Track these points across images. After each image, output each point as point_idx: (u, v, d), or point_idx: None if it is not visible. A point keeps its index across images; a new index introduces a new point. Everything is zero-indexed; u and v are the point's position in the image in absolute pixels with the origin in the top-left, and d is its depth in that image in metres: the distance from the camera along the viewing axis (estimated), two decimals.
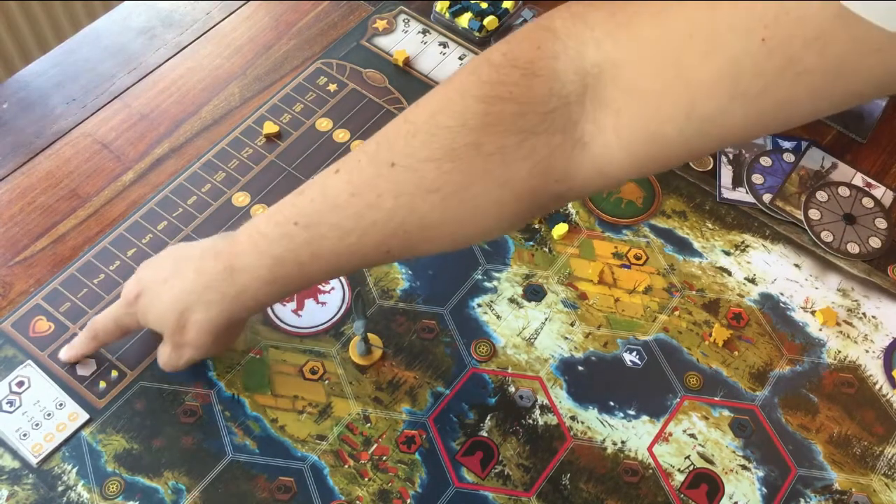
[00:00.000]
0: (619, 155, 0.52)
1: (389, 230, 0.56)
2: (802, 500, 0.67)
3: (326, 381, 0.71)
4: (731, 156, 0.85)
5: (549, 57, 0.51)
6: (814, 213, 0.81)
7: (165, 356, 0.67)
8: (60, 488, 0.66)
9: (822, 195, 0.83)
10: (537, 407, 0.71)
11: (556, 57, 0.51)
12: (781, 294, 0.77)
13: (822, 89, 0.46)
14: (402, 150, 0.54)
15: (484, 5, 0.93)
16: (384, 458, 0.68)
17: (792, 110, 0.48)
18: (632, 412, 0.71)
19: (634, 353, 0.73)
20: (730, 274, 0.78)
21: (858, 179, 0.84)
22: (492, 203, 0.54)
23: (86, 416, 0.69)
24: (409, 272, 0.77)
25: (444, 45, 0.92)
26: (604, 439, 0.69)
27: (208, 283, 0.62)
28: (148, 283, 0.65)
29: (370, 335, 0.72)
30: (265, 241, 0.60)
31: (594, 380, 0.72)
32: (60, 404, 0.69)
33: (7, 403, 0.69)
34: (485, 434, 0.69)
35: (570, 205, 0.81)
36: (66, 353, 0.70)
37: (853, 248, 0.80)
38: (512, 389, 0.71)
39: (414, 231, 0.56)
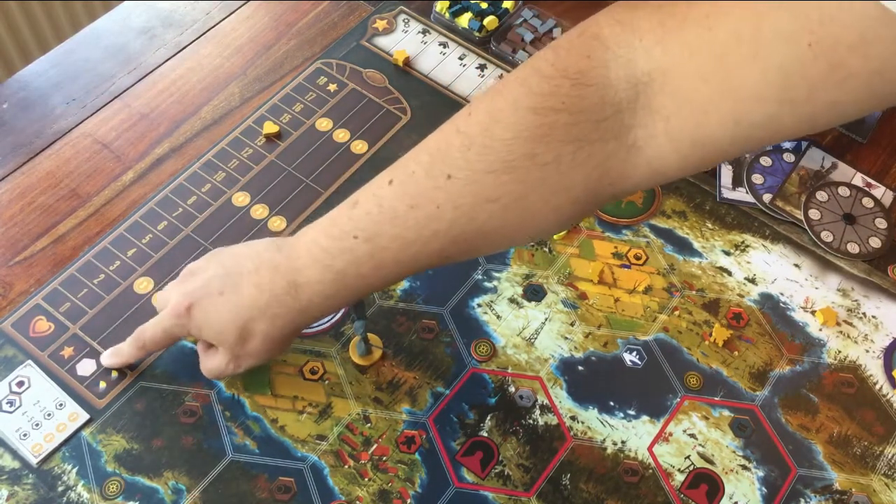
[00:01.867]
0: (671, 157, 0.53)
1: (450, 238, 0.57)
2: (802, 500, 0.67)
3: (326, 381, 0.71)
4: None
5: (600, 66, 0.52)
6: (814, 213, 0.81)
7: (220, 366, 0.66)
8: (60, 488, 0.66)
9: (822, 195, 0.83)
10: (537, 407, 0.71)
11: (607, 66, 0.52)
12: (781, 294, 0.77)
13: (867, 90, 0.47)
14: (458, 163, 0.55)
15: (484, 5, 0.93)
16: (384, 458, 0.68)
17: (839, 111, 0.49)
18: (632, 412, 0.71)
19: (634, 353, 0.73)
20: (730, 274, 0.78)
21: (858, 179, 0.84)
22: (549, 209, 0.55)
23: (86, 416, 0.69)
24: None
25: (444, 45, 0.92)
26: (604, 439, 0.69)
27: (271, 299, 0.61)
28: (200, 296, 0.64)
29: (370, 335, 0.72)
30: (326, 255, 0.60)
31: (594, 380, 0.72)
32: (60, 404, 0.69)
33: (7, 403, 0.69)
34: (485, 434, 0.69)
35: None
36: (110, 360, 0.70)
37: (853, 248, 0.80)
38: (512, 389, 0.71)
39: (473, 238, 0.57)
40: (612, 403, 0.71)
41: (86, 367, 0.71)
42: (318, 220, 0.62)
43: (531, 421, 0.70)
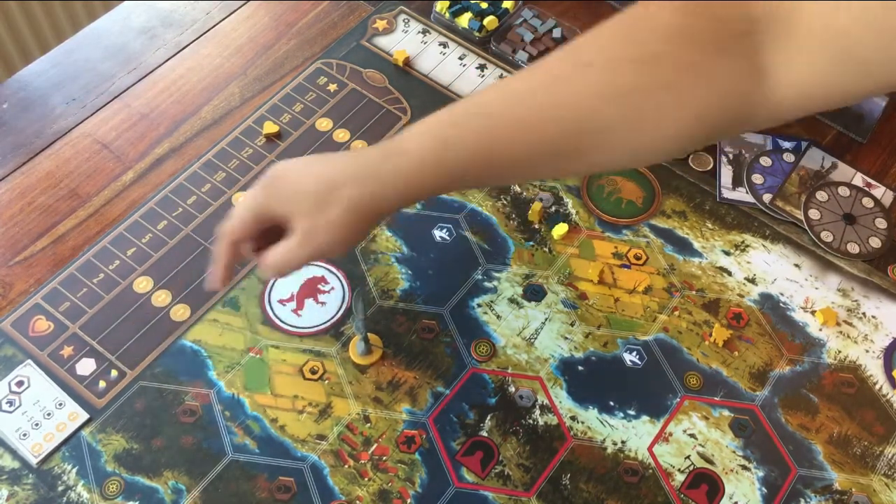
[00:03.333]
0: (797, 88, 0.54)
1: (569, 131, 0.57)
2: (802, 500, 0.67)
3: (326, 381, 0.71)
4: (731, 156, 0.85)
5: None
6: (814, 213, 0.81)
7: (290, 248, 0.61)
8: (60, 488, 0.66)
9: (822, 195, 0.83)
10: (537, 407, 0.71)
11: None
12: (781, 294, 0.77)
13: None
14: (599, 50, 0.56)
15: (484, 5, 0.93)
16: (384, 458, 0.68)
17: None
18: (632, 412, 0.71)
19: (634, 353, 0.73)
20: (730, 274, 0.78)
21: (858, 179, 0.84)
22: (672, 117, 0.56)
23: (86, 416, 0.69)
24: (409, 272, 0.77)
25: (444, 45, 0.92)
26: (604, 439, 0.69)
27: (364, 165, 0.60)
28: (289, 166, 0.62)
29: (370, 335, 0.72)
30: (438, 125, 0.59)
31: (594, 380, 0.72)
32: (60, 404, 0.69)
33: (7, 403, 0.69)
34: (485, 434, 0.69)
35: (569, 205, 0.81)
36: (210, 277, 0.65)
37: (853, 248, 0.80)
38: (512, 389, 0.71)
39: (591, 134, 0.57)
40: (612, 403, 0.71)
41: (85, 367, 0.71)
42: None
43: (531, 421, 0.70)
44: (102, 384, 0.70)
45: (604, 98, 0.56)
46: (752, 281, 0.78)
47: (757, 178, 0.83)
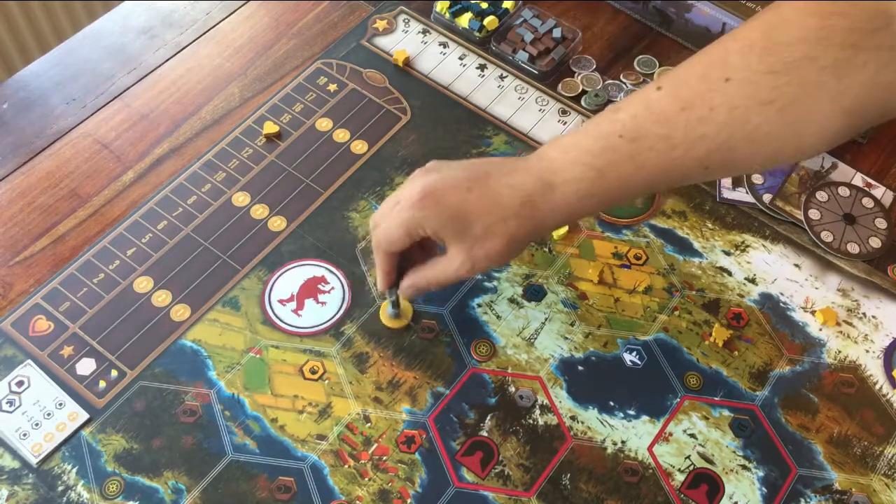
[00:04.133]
0: None
1: (716, 144, 0.57)
2: (802, 500, 0.67)
3: (326, 381, 0.71)
4: None
5: None
6: (814, 213, 0.81)
7: (453, 267, 0.64)
8: (60, 488, 0.66)
9: (822, 195, 0.83)
10: (537, 407, 0.71)
11: None
12: (781, 294, 0.77)
13: None
14: (738, 65, 0.56)
15: (484, 5, 0.93)
16: (384, 457, 0.68)
17: None
18: (632, 412, 0.71)
19: (634, 353, 0.73)
20: (730, 274, 0.78)
21: (858, 179, 0.84)
22: (821, 116, 0.56)
23: (86, 416, 0.69)
24: None
25: (444, 45, 0.92)
26: (604, 439, 0.69)
27: (525, 200, 0.62)
28: (443, 187, 0.63)
29: (404, 302, 0.73)
30: (587, 154, 0.60)
31: (594, 380, 0.72)
32: (60, 404, 0.69)
33: (7, 403, 0.69)
34: (485, 434, 0.69)
35: None
36: (378, 284, 0.70)
37: (853, 248, 0.80)
38: (512, 389, 0.71)
39: (739, 146, 0.57)
40: (612, 403, 0.71)
41: (85, 367, 0.71)
42: (572, 132, 0.62)
43: (531, 421, 0.70)
44: (102, 384, 0.70)
45: (748, 111, 0.56)
46: (752, 281, 0.78)
47: (757, 178, 0.83)
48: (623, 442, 0.69)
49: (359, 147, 0.84)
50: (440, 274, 0.66)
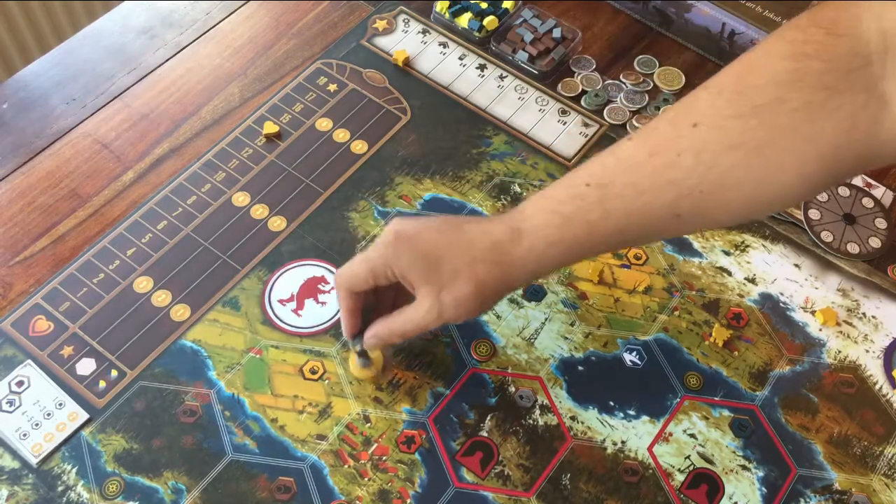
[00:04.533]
0: None
1: (685, 189, 0.56)
2: (802, 500, 0.67)
3: (326, 381, 0.71)
4: None
5: (852, 18, 0.53)
6: (814, 213, 0.81)
7: (421, 314, 0.62)
8: (60, 488, 0.66)
9: (821, 195, 0.83)
10: (537, 407, 0.71)
11: (859, 18, 0.53)
12: (781, 294, 0.77)
13: None
14: (706, 111, 0.56)
15: (484, 5, 0.93)
16: (384, 458, 0.68)
17: None
18: (632, 412, 0.71)
19: (634, 353, 0.73)
20: (730, 274, 0.78)
21: (858, 179, 0.84)
22: (794, 160, 0.55)
23: (86, 416, 0.69)
24: None
25: (444, 45, 0.92)
26: (604, 439, 0.69)
27: (493, 244, 0.61)
28: (414, 229, 0.62)
29: (375, 353, 0.70)
30: (554, 202, 0.60)
31: (594, 380, 0.72)
32: (60, 404, 0.69)
33: (7, 403, 0.69)
34: (485, 434, 0.69)
35: None
36: (343, 327, 0.67)
37: (853, 248, 0.80)
38: (512, 389, 0.71)
39: (710, 191, 0.56)
40: (612, 403, 0.71)
41: (85, 367, 0.71)
42: (550, 185, 0.62)
43: (531, 421, 0.70)
44: (102, 384, 0.70)
45: (715, 155, 0.55)
46: (752, 281, 0.78)
47: None
48: (623, 442, 0.69)
49: (359, 147, 0.84)
50: (406, 321, 0.64)
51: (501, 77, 0.89)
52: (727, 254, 0.79)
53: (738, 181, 0.56)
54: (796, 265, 0.79)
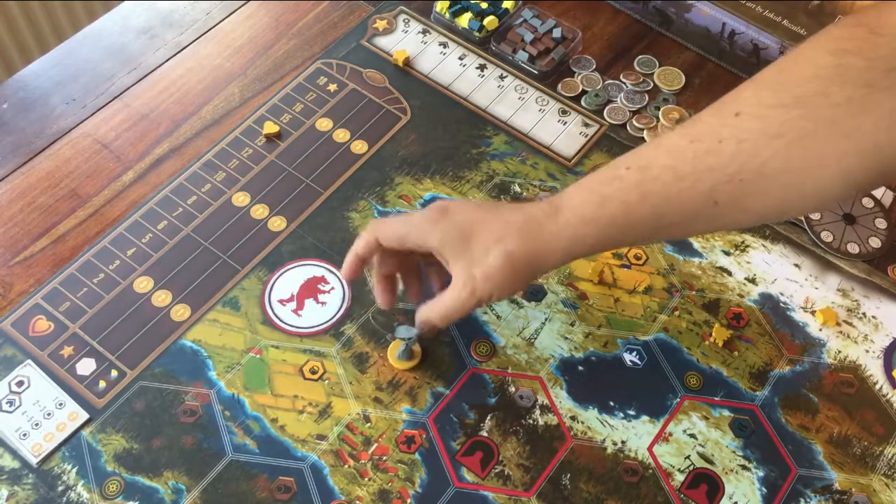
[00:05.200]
0: None
1: (725, 176, 0.57)
2: (802, 500, 0.67)
3: (326, 381, 0.71)
4: None
5: (894, 20, 0.54)
6: (814, 213, 0.81)
7: (455, 294, 0.63)
8: (60, 488, 0.66)
9: None
10: (537, 407, 0.71)
11: None
12: (781, 294, 0.77)
13: None
14: (749, 101, 0.57)
15: (484, 5, 0.93)
16: (384, 457, 0.68)
17: None
18: (632, 412, 0.71)
19: (634, 353, 0.73)
20: (730, 274, 0.78)
21: None
22: (834, 154, 0.55)
23: (86, 416, 0.69)
24: None
25: (444, 45, 0.92)
26: (604, 439, 0.69)
27: (530, 217, 0.62)
28: (454, 207, 0.64)
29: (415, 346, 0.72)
30: (594, 182, 0.61)
31: (594, 380, 0.72)
32: (60, 404, 0.69)
33: (7, 403, 0.69)
34: (485, 434, 0.69)
35: None
36: (344, 268, 0.68)
37: (853, 248, 0.80)
38: (512, 389, 0.71)
39: (750, 179, 0.57)
40: (612, 403, 0.71)
41: (85, 367, 0.71)
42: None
43: (531, 421, 0.70)
44: (102, 384, 0.70)
45: (756, 144, 0.56)
46: (752, 281, 0.78)
47: None
48: (623, 442, 0.69)
49: (359, 147, 0.84)
50: (446, 302, 0.64)
51: (501, 77, 0.89)
52: (727, 254, 0.79)
53: (777, 171, 0.56)
54: (796, 265, 0.79)
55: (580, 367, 0.73)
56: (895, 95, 0.54)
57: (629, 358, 0.73)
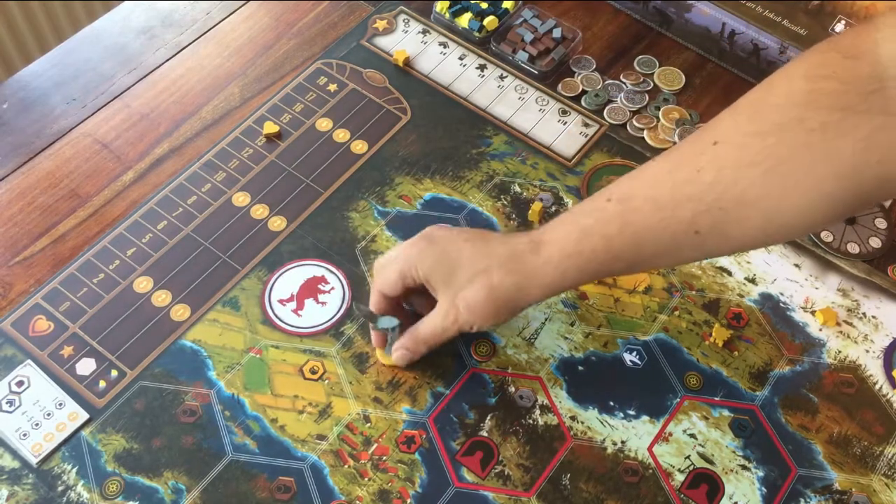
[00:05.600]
0: None
1: (704, 205, 0.57)
2: (802, 500, 0.67)
3: (326, 381, 0.71)
4: None
5: (870, 43, 0.54)
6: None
7: (436, 321, 0.66)
8: (60, 488, 0.66)
9: None
10: (537, 407, 0.71)
11: (877, 43, 0.54)
12: (781, 294, 0.77)
13: None
14: (726, 130, 0.57)
15: (484, 5, 0.93)
16: (384, 457, 0.68)
17: None
18: (632, 412, 0.71)
19: (634, 353, 0.73)
20: (730, 274, 0.78)
21: None
22: (812, 179, 0.55)
23: (86, 416, 0.69)
24: None
25: (444, 45, 0.92)
26: (604, 439, 0.69)
27: (513, 251, 0.63)
28: (441, 235, 0.66)
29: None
30: (576, 216, 0.62)
31: (594, 380, 0.72)
32: (60, 404, 0.69)
33: (7, 403, 0.69)
34: (485, 434, 0.69)
35: (569, 205, 0.81)
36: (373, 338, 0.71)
37: (853, 248, 0.80)
38: (512, 389, 0.71)
39: (729, 207, 0.57)
40: (612, 403, 0.71)
41: (85, 367, 0.71)
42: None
43: (531, 421, 0.70)
44: (102, 384, 0.70)
45: (735, 172, 0.56)
46: (752, 281, 0.78)
47: None
48: (623, 442, 0.69)
49: (359, 147, 0.84)
50: (426, 328, 0.67)
51: (501, 77, 0.89)
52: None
53: (756, 198, 0.56)
54: (796, 265, 0.79)
55: (580, 367, 0.73)
56: (873, 118, 0.53)
57: (629, 358, 0.73)
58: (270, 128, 0.84)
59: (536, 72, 0.89)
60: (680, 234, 0.59)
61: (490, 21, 0.91)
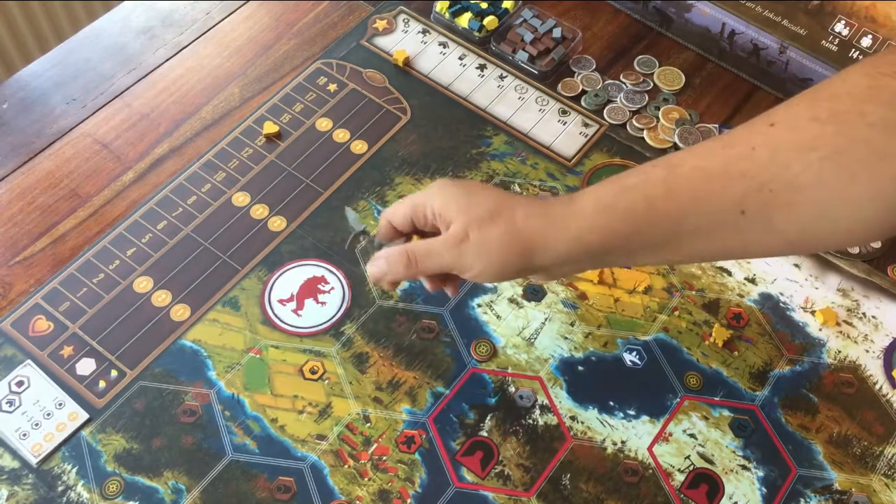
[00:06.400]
0: None
1: (756, 183, 0.55)
2: (802, 500, 0.67)
3: (326, 381, 0.71)
4: None
5: None
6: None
7: (435, 241, 0.59)
8: (60, 488, 0.66)
9: None
10: (537, 407, 0.71)
11: None
12: (781, 294, 0.77)
13: None
14: (784, 114, 0.56)
15: (484, 5, 0.93)
16: (384, 457, 0.68)
17: None
18: (632, 412, 0.71)
19: (634, 353, 0.73)
20: (730, 274, 0.78)
21: None
22: (868, 174, 0.53)
23: (85, 416, 0.69)
24: None
25: (444, 45, 0.92)
26: (604, 439, 0.69)
27: (542, 201, 0.59)
28: (462, 181, 0.64)
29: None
30: (618, 177, 0.58)
31: (594, 380, 0.72)
32: (60, 404, 0.69)
33: (7, 403, 0.69)
34: (485, 434, 0.69)
35: None
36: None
37: (853, 248, 0.80)
38: (512, 389, 0.71)
39: (780, 190, 0.54)
40: (612, 403, 0.71)
41: (85, 367, 0.71)
42: None
43: (531, 421, 0.70)
44: (102, 384, 0.70)
45: (789, 155, 0.54)
46: (752, 281, 0.78)
47: None
48: (623, 442, 0.69)
49: (359, 147, 0.84)
50: (421, 244, 0.60)
51: (501, 77, 0.89)
52: None
53: (808, 184, 0.54)
54: (796, 265, 0.79)
55: (580, 367, 0.73)
56: None
57: (629, 358, 0.73)
58: (270, 128, 0.84)
59: (536, 72, 0.89)
60: (726, 212, 0.56)
61: (490, 21, 0.91)
